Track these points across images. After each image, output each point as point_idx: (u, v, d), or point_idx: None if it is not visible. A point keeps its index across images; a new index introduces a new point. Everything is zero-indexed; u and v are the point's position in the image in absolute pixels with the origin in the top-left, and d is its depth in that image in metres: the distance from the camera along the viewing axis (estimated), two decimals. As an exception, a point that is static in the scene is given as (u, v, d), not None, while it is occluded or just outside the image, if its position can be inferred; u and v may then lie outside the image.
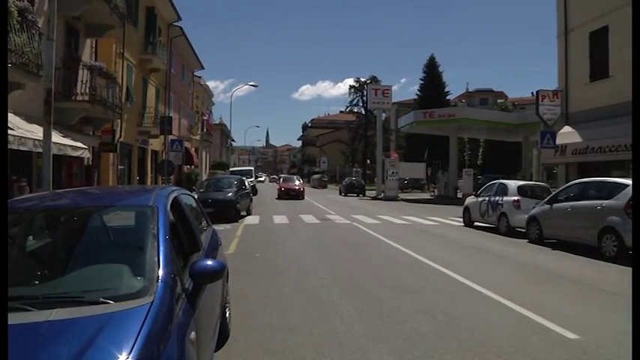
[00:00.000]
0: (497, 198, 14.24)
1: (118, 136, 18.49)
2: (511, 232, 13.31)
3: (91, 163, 16.29)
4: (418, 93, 54.06)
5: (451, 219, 18.04)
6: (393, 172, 32.95)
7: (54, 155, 9.14)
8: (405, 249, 10.23)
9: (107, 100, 15.17)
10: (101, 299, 2.27)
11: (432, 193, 36.92)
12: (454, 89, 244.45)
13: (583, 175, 14.27)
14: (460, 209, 17.40)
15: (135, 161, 22.13)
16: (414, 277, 7.37)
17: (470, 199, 16.20)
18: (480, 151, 46.79)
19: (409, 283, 6.98)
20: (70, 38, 14.67)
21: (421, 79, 53.93)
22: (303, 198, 30.42)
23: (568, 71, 19.12)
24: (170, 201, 3.32)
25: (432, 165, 42.98)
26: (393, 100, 40.31)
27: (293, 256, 9.33)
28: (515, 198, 13.52)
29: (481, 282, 7.00)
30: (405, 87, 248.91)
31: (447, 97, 53.79)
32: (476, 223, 15.56)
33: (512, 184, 14.28)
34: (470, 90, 67.57)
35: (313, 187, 60.79)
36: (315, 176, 63.92)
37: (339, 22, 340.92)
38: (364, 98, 61.10)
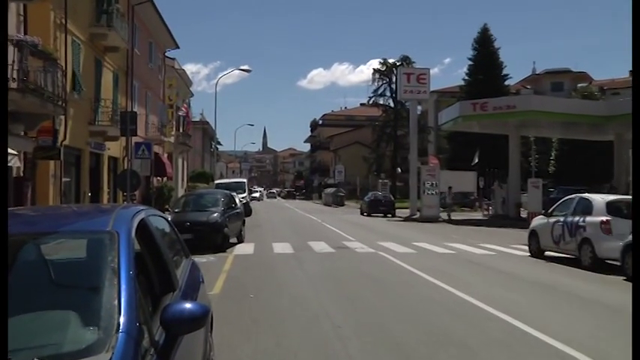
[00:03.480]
0: (577, 218, 14.09)
1: (61, 137, 18.71)
2: (598, 266, 13.09)
3: (22, 174, 16.39)
4: (466, 77, 54.21)
5: (512, 247, 17.92)
6: (432, 185, 32.94)
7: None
8: (449, 287, 10.18)
9: (45, 90, 15.12)
10: (36, 360, 2.26)
11: (486, 212, 36.77)
12: (515, 71, 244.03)
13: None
14: (524, 234, 17.31)
15: (85, 172, 22.39)
16: (461, 325, 7.32)
17: (538, 220, 16.11)
18: (552, 154, 46.40)
19: (454, 333, 6.93)
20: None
21: (470, 59, 54.13)
22: None
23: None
24: (135, 225, 3.33)
25: (484, 174, 42.87)
26: (432, 88, 40.46)
27: (299, 296, 9.33)
28: (604, 218, 13.29)
29: (557, 334, 6.89)
30: (448, 70, 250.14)
31: (506, 83, 53.75)
32: (547, 253, 15.44)
33: (599, 199, 14.14)
34: (538, 72, 66.89)
35: (326, 204, 60.96)
36: (329, 190, 64.09)
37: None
38: (393, 86, 61.33)
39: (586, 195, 14.96)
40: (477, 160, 39.00)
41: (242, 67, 55.20)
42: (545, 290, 10.32)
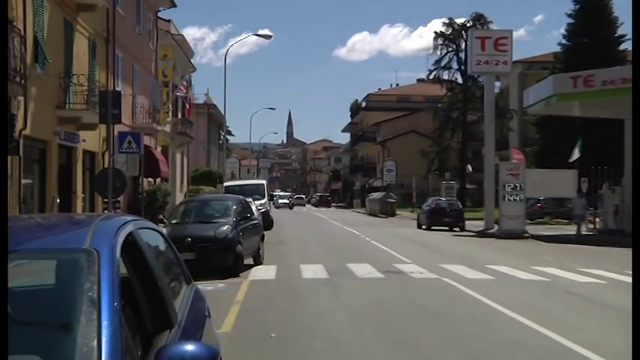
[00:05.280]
0: None
1: (19, 126, 18.99)
2: None
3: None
4: (564, 42, 53.51)
5: (629, 273, 17.56)
6: (515, 187, 32.61)
7: None
8: (543, 328, 10.02)
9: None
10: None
11: (591, 225, 36.12)
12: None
13: None
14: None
15: (52, 171, 22.70)
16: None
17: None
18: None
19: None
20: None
21: (569, 16, 53.41)
22: None
23: None
24: (120, 241, 3.36)
25: (588, 174, 42.13)
26: (516, 58, 39.94)
27: (335, 339, 9.33)
28: None
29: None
30: (539, 32, 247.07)
31: (621, 47, 52.58)
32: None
33: None
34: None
35: (371, 213, 60.98)
36: (375, 195, 64.12)
37: None
38: (462, 55, 60.97)
39: None
40: (577, 155, 38.34)
41: (261, 32, 55.65)
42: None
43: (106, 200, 20.86)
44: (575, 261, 20.48)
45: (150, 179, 34.45)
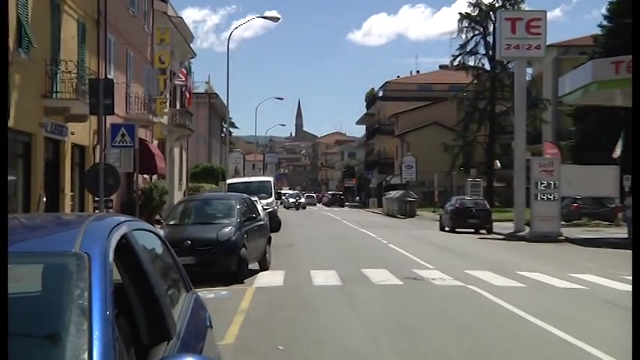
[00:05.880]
0: None
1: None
2: None
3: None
4: (605, 23, 53.12)
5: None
6: (549, 185, 32.56)
7: None
8: (579, 341, 10.01)
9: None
10: None
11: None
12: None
13: None
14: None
15: (38, 166, 22.79)
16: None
17: None
18: None
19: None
20: None
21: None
22: None
23: None
24: (114, 244, 3.37)
25: (633, 171, 42.02)
26: (550, 41, 39.68)
27: (350, 352, 9.36)
28: None
29: None
30: (576, 12, 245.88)
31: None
32: None
33: None
34: None
35: (389, 214, 61.03)
36: (393, 194, 64.08)
37: None
38: (490, 39, 60.80)
39: None
40: (620, 150, 38.23)
41: (267, 14, 55.64)
42: None
43: (97, 199, 20.89)
44: (618, 267, 20.30)
45: (145, 176, 34.58)
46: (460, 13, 64.65)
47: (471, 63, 64.99)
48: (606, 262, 22.28)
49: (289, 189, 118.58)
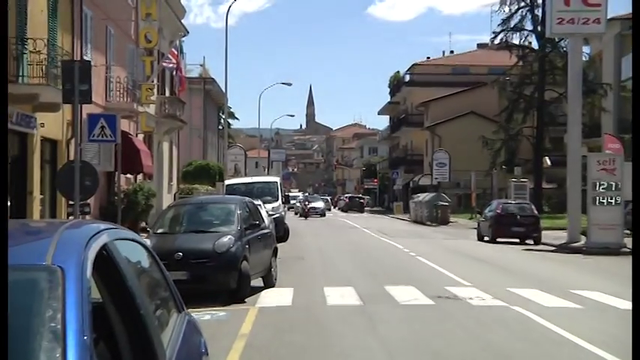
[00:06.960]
0: None
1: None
2: None
3: None
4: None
5: None
6: (610, 187, 32.45)
7: None
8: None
9: None
10: None
11: None
12: None
13: None
14: None
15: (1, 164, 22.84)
16: None
17: None
18: None
19: None
20: None
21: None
22: None
23: None
24: (92, 256, 3.39)
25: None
26: (612, 15, 39.53)
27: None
28: None
29: None
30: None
31: None
32: None
33: None
34: None
35: (417, 220, 60.94)
36: (422, 197, 63.99)
37: None
38: (538, 12, 60.60)
39: None
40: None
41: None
42: None
43: (71, 203, 20.99)
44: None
45: (129, 176, 34.70)
46: (503, -16, 64.52)
47: (516, 41, 64.91)
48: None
49: (298, 191, 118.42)
